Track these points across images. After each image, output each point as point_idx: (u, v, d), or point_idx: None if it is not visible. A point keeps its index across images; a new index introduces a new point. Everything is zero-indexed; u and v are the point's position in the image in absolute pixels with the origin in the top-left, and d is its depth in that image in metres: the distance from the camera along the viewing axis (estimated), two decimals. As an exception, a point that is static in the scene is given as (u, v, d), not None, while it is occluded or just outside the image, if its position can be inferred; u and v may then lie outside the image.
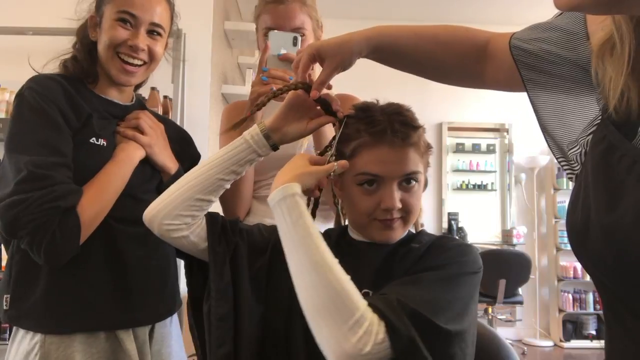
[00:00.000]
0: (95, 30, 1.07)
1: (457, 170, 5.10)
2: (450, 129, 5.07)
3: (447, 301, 0.74)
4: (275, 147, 0.90)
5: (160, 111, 2.12)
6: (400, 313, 0.68)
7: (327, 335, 0.68)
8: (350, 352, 0.66)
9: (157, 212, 0.86)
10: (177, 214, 0.86)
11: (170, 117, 2.20)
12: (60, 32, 2.27)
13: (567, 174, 0.64)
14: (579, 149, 0.60)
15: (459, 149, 5.11)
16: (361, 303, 0.69)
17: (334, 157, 0.86)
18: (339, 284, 0.70)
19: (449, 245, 0.84)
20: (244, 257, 0.90)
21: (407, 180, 0.83)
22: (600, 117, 0.57)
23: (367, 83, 2.62)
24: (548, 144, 0.69)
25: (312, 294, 0.71)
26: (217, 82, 2.86)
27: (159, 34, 1.08)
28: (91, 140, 1.00)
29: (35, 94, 0.95)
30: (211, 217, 0.91)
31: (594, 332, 4.59)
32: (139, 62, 1.06)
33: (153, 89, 2.10)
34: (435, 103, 4.87)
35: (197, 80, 2.43)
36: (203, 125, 2.42)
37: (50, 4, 2.50)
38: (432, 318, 0.70)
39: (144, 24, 1.05)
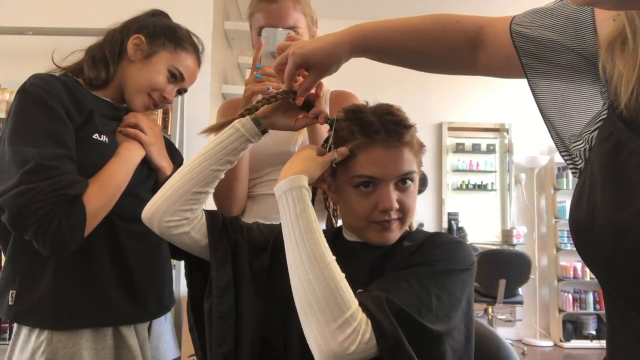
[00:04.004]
0: (137, 52, 1.10)
1: (457, 170, 5.10)
2: (450, 129, 5.06)
3: (436, 298, 0.74)
4: (265, 131, 0.90)
5: (160, 111, 2.12)
6: (387, 312, 0.69)
7: (315, 331, 0.69)
8: (336, 350, 0.66)
9: (155, 209, 0.86)
10: (176, 209, 0.86)
11: (170, 117, 2.21)
12: (60, 32, 2.28)
13: (570, 169, 0.63)
14: (582, 144, 0.59)
15: (459, 149, 5.11)
16: (353, 302, 0.69)
17: (332, 146, 0.86)
18: (334, 281, 0.70)
19: (439, 242, 0.84)
20: (245, 254, 0.91)
21: (403, 180, 0.83)
22: (605, 113, 0.56)
23: (367, 83, 2.61)
24: (550, 134, 0.66)
25: (306, 287, 0.71)
26: (217, 82, 2.86)
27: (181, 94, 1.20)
28: (94, 136, 1.01)
29: (38, 89, 0.95)
30: (211, 215, 0.91)
31: (594, 332, 4.59)
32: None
33: (153, 89, 2.10)
34: (435, 103, 4.86)
35: (197, 80, 2.42)
36: (203, 125, 2.39)
37: (50, 4, 2.50)
38: (419, 318, 0.70)
39: (182, 85, 1.16)
